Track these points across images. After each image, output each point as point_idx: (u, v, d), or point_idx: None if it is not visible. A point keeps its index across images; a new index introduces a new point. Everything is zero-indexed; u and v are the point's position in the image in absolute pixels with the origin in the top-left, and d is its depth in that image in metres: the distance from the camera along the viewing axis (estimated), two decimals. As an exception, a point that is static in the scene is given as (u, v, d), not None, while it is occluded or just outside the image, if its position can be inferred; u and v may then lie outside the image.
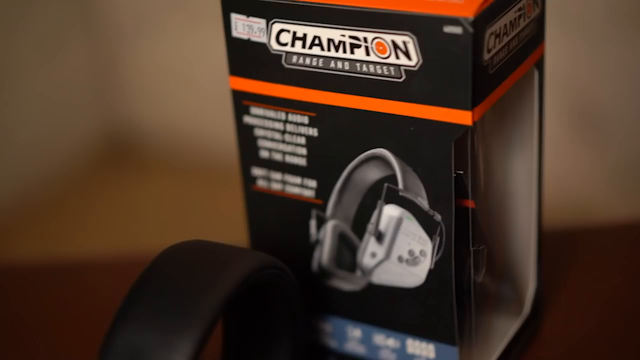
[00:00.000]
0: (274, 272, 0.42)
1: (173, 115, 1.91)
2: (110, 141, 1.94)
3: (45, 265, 0.62)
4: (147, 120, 1.94)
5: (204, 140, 1.87)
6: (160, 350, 0.37)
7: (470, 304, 0.46)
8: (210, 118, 1.85)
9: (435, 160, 0.42)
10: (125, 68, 1.92)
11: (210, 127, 1.86)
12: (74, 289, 0.60)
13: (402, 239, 0.45)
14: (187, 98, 1.88)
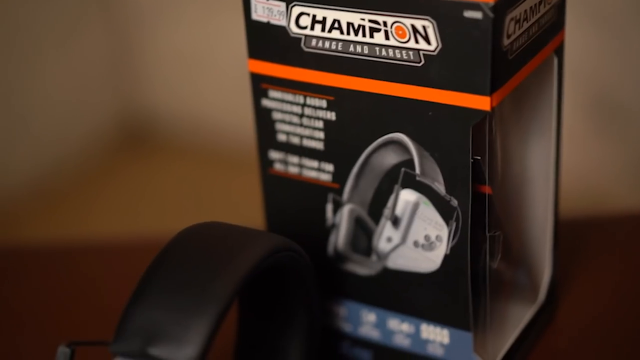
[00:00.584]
0: (290, 255, 0.42)
1: (189, 101, 1.91)
2: (127, 126, 1.95)
3: (60, 247, 0.62)
4: (164, 106, 1.94)
5: (220, 126, 1.88)
6: (175, 330, 0.37)
7: (486, 290, 0.46)
8: (227, 104, 1.85)
9: (453, 145, 0.42)
10: (143, 53, 1.93)
11: (226, 114, 1.86)
12: (90, 271, 0.60)
13: (418, 224, 0.45)
14: (204, 84, 1.88)
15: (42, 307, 0.57)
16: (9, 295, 0.58)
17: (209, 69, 1.86)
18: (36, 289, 0.58)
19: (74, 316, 0.56)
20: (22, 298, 0.57)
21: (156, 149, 1.91)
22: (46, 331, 0.54)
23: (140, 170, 1.84)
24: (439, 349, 0.47)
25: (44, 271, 0.60)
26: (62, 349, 0.39)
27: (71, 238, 0.62)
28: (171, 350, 0.37)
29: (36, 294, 0.58)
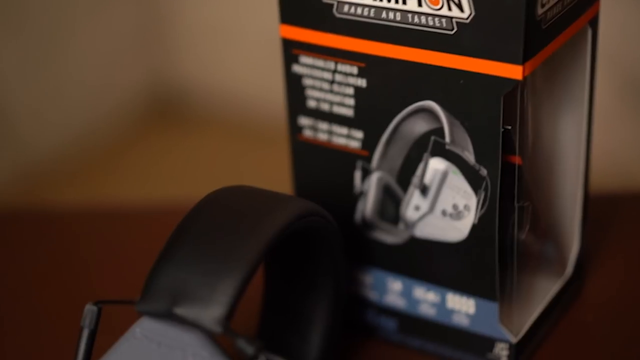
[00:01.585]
0: (318, 220, 0.42)
1: (219, 72, 1.91)
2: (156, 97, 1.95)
3: (88, 211, 0.63)
4: (193, 77, 1.94)
5: (249, 99, 1.88)
6: (202, 291, 0.37)
7: (513, 261, 0.46)
8: (257, 77, 1.85)
9: (484, 114, 0.42)
10: (174, 24, 1.93)
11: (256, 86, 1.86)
12: (117, 235, 0.60)
13: (446, 193, 0.45)
14: (234, 56, 1.88)
15: (70, 269, 0.57)
16: (39, 256, 0.58)
17: (239, 40, 1.86)
18: (65, 251, 0.59)
19: (102, 278, 0.56)
20: (51, 259, 0.58)
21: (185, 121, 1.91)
22: (74, 292, 0.55)
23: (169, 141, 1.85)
24: (464, 319, 0.47)
25: (72, 234, 0.60)
26: (89, 307, 0.40)
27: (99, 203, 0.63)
28: (197, 311, 0.37)
29: (65, 255, 0.58)
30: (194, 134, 1.86)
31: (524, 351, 0.47)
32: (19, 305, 0.54)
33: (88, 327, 0.40)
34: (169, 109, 1.94)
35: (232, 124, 1.88)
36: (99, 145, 1.82)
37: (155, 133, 1.87)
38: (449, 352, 0.48)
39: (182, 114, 1.94)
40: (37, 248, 0.59)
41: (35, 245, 0.59)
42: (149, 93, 1.94)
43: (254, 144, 1.80)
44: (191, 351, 0.37)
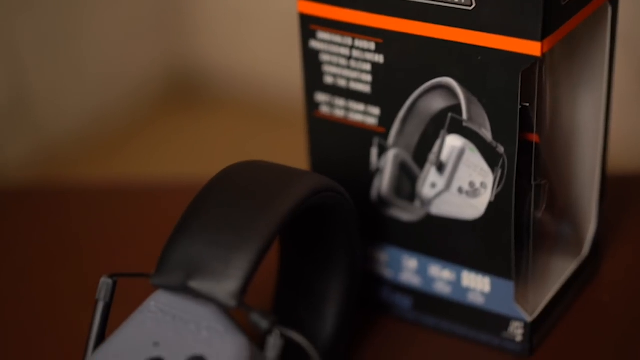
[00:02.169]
0: (334, 196, 0.42)
1: (236, 54, 1.91)
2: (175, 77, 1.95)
3: (104, 188, 0.63)
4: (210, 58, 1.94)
5: (266, 80, 1.87)
6: (216, 265, 0.37)
7: (529, 240, 0.45)
8: (274, 59, 1.85)
9: (502, 91, 0.42)
10: (192, 4, 1.93)
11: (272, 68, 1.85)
12: (133, 210, 0.60)
13: (463, 170, 0.45)
14: (252, 37, 1.88)
15: (86, 243, 0.57)
16: (55, 231, 0.58)
17: (257, 21, 1.86)
18: (82, 227, 0.59)
19: (118, 252, 0.56)
20: (67, 235, 0.58)
21: (202, 101, 1.91)
22: (90, 266, 0.55)
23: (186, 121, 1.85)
24: (480, 298, 0.47)
25: (89, 210, 0.61)
26: (104, 279, 0.40)
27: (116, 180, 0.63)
28: (211, 285, 0.37)
29: (81, 231, 0.58)
30: (211, 115, 1.87)
31: (539, 330, 0.47)
32: (35, 278, 0.54)
33: (103, 300, 0.40)
34: (186, 90, 1.95)
35: (248, 105, 1.88)
36: (116, 125, 1.82)
37: (172, 114, 1.87)
38: (463, 330, 0.48)
39: (199, 94, 1.94)
40: (53, 224, 0.59)
41: (51, 221, 0.60)
42: (166, 74, 1.94)
43: (270, 125, 1.80)
44: (205, 324, 0.37)
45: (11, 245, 0.57)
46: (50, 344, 0.50)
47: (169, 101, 1.91)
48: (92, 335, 0.39)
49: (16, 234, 0.58)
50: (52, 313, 0.52)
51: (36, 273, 0.55)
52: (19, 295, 0.53)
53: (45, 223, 0.59)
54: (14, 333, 0.50)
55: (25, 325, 0.51)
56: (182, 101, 1.91)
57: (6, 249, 0.57)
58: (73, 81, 1.75)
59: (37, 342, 0.50)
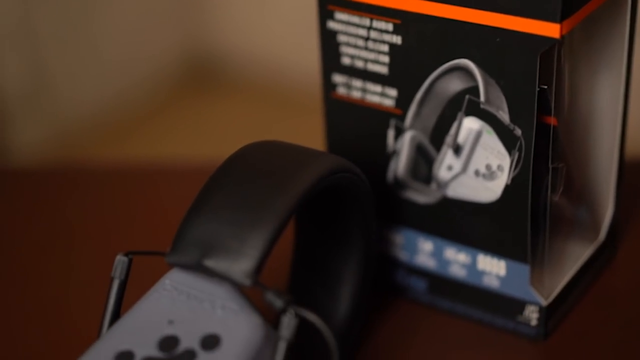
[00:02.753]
0: (350, 176, 0.41)
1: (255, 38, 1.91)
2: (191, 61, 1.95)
3: (122, 168, 0.63)
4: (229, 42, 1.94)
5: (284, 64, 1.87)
6: (231, 244, 0.37)
7: (545, 223, 0.45)
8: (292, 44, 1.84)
9: (520, 73, 0.42)
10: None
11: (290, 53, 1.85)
12: (151, 191, 0.60)
13: (480, 153, 0.44)
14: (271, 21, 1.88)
15: (105, 222, 0.57)
16: (76, 210, 0.59)
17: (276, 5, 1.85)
18: (98, 206, 0.59)
19: (134, 231, 0.56)
20: (87, 213, 0.58)
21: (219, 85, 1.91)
22: (106, 244, 0.55)
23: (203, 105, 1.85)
24: (495, 281, 0.47)
25: (105, 190, 0.61)
26: (120, 257, 0.40)
27: (132, 161, 0.63)
28: (227, 264, 0.37)
29: (97, 210, 0.59)
30: (228, 98, 1.87)
31: (554, 315, 0.47)
32: (53, 256, 0.55)
33: (118, 278, 0.40)
34: (203, 74, 1.95)
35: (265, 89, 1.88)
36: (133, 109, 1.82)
37: (189, 97, 1.87)
38: (478, 313, 0.48)
39: (216, 78, 1.94)
40: (71, 203, 0.60)
41: (69, 201, 0.60)
42: (183, 58, 1.94)
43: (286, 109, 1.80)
44: (220, 303, 0.37)
45: (29, 224, 0.58)
46: (66, 321, 0.50)
47: (186, 85, 1.91)
48: (107, 312, 0.39)
49: (34, 213, 0.59)
50: (68, 291, 0.52)
51: (53, 251, 0.55)
52: (36, 273, 0.53)
53: (62, 203, 0.60)
54: (31, 310, 0.51)
55: (43, 303, 0.51)
56: (200, 85, 1.91)
57: (24, 227, 0.57)
58: (91, 65, 1.75)
59: (54, 318, 0.50)
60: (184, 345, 0.36)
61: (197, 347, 0.36)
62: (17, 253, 0.55)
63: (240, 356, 0.36)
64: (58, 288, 0.52)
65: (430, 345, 0.47)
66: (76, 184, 0.61)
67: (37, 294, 0.52)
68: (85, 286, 0.52)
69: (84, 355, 0.37)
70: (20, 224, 0.58)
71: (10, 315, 0.50)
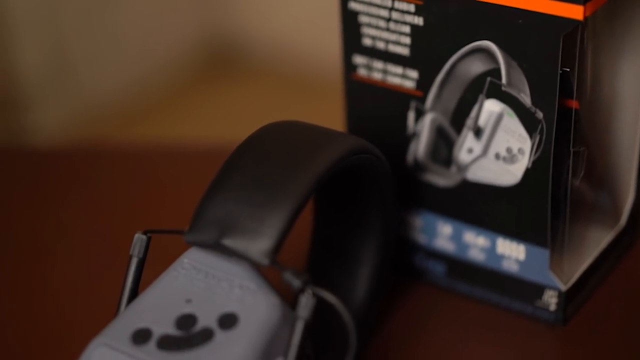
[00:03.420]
0: (370, 158, 0.41)
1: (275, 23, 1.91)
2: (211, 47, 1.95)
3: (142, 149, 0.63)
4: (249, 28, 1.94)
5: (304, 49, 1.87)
6: (250, 223, 0.37)
7: (566, 208, 0.45)
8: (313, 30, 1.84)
9: (542, 55, 0.41)
10: (232, -28, 1.92)
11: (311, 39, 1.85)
12: (169, 171, 0.60)
13: (501, 136, 0.44)
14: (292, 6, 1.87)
15: (123, 202, 0.57)
16: (94, 190, 0.59)
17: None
18: (118, 186, 0.59)
19: (153, 211, 0.56)
20: (106, 193, 0.58)
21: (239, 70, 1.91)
22: (125, 223, 0.55)
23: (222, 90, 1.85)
24: (514, 265, 0.46)
25: (124, 171, 0.61)
26: (138, 235, 0.40)
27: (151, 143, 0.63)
28: (245, 243, 0.37)
29: (118, 190, 0.59)
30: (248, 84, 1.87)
31: (574, 300, 0.47)
32: (72, 234, 0.55)
33: (137, 256, 0.40)
34: (223, 59, 1.95)
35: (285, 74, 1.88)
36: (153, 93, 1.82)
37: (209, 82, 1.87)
38: (497, 298, 0.48)
39: (236, 63, 1.94)
40: (90, 183, 0.60)
41: (88, 181, 0.60)
42: (204, 43, 1.94)
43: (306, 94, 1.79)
44: (238, 283, 0.37)
45: (49, 202, 0.58)
46: (84, 298, 0.50)
47: (205, 70, 1.91)
48: (125, 290, 0.39)
49: (55, 192, 0.59)
50: (88, 268, 0.52)
51: (73, 230, 0.55)
52: (55, 252, 0.53)
53: (82, 182, 0.60)
54: (50, 288, 0.51)
55: (62, 280, 0.51)
56: (219, 70, 1.91)
57: (44, 207, 0.58)
58: (111, 50, 1.75)
59: (73, 296, 0.50)
60: (202, 323, 0.36)
61: (214, 326, 0.36)
62: (38, 231, 0.55)
63: (258, 335, 0.36)
64: (77, 266, 0.52)
65: (448, 329, 0.47)
66: (95, 165, 0.61)
67: (56, 271, 0.52)
68: (104, 264, 0.52)
69: (102, 333, 0.37)
70: (40, 204, 0.58)
71: (30, 293, 0.50)
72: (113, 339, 0.36)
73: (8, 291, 0.51)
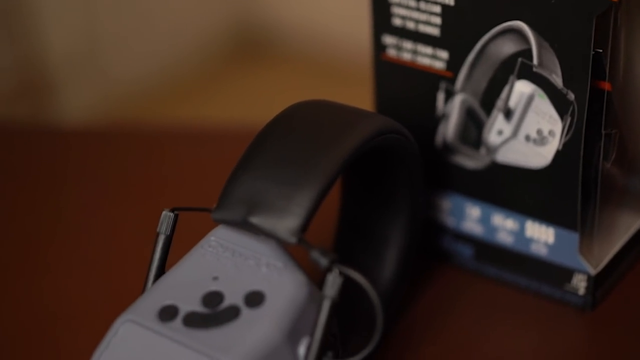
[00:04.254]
0: (399, 138, 0.41)
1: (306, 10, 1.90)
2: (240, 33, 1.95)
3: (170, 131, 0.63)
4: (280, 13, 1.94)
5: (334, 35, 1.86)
6: (277, 201, 0.37)
7: (596, 191, 0.44)
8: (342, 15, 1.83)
9: (574, 36, 0.41)
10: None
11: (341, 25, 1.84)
12: (197, 152, 0.60)
13: (531, 117, 0.44)
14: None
15: (151, 182, 0.57)
16: (123, 169, 0.59)
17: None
18: (146, 166, 0.59)
19: (181, 191, 0.56)
20: (134, 173, 0.59)
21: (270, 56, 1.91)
22: (153, 202, 0.55)
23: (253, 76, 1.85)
24: (543, 249, 0.46)
25: (151, 151, 0.61)
26: (165, 213, 0.40)
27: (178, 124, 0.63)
28: (272, 221, 0.37)
29: (146, 170, 0.59)
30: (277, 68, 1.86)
31: (603, 284, 0.46)
32: (100, 213, 0.55)
33: (164, 233, 0.40)
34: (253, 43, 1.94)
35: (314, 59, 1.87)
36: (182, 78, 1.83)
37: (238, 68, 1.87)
38: (525, 281, 0.47)
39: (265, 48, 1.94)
40: (118, 163, 0.60)
41: (117, 161, 0.60)
42: (234, 27, 1.94)
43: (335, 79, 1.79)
44: (265, 261, 0.37)
45: (78, 181, 0.58)
46: (113, 275, 0.50)
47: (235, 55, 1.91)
48: (152, 267, 0.39)
49: (84, 171, 0.59)
50: (115, 246, 0.52)
51: (101, 208, 0.55)
52: (84, 229, 0.54)
53: (111, 162, 0.60)
54: (79, 263, 0.51)
55: (90, 257, 0.51)
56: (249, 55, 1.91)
57: (73, 185, 0.58)
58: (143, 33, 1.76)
59: (101, 272, 0.50)
60: (228, 301, 0.36)
61: (241, 304, 0.36)
62: (68, 208, 0.55)
63: (284, 314, 0.35)
64: (105, 243, 0.52)
65: (475, 312, 0.47)
66: (125, 145, 0.62)
67: (85, 248, 0.52)
68: (131, 242, 0.52)
69: (129, 309, 0.37)
70: (70, 182, 0.58)
71: (59, 269, 0.51)
72: (139, 315, 0.36)
73: (38, 267, 0.51)
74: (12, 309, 0.48)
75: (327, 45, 1.88)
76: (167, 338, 0.35)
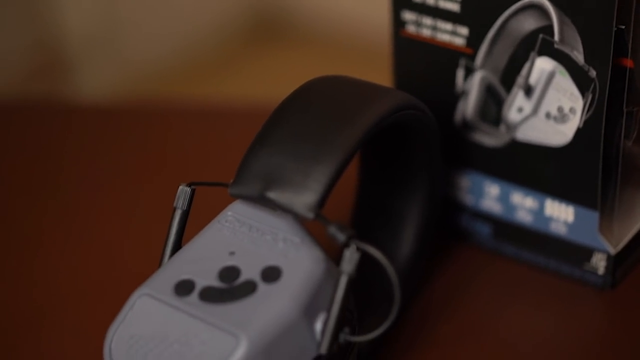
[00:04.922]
0: (418, 114, 0.41)
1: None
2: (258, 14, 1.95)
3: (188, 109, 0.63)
4: None
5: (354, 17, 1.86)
6: (295, 176, 0.37)
7: (617, 169, 0.44)
8: None
9: (597, 11, 0.40)
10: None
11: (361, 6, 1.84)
12: (214, 129, 0.60)
13: (552, 95, 0.43)
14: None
15: (169, 158, 0.57)
16: (141, 146, 0.59)
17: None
18: (164, 143, 0.59)
19: (199, 166, 0.56)
20: (152, 149, 0.58)
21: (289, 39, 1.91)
22: (171, 178, 0.55)
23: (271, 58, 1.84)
24: (562, 227, 0.46)
25: (169, 128, 0.61)
26: (182, 187, 0.40)
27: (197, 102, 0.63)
28: (289, 196, 0.37)
29: (164, 146, 0.59)
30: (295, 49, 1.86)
31: (623, 264, 0.46)
32: (118, 188, 0.55)
33: (181, 208, 0.39)
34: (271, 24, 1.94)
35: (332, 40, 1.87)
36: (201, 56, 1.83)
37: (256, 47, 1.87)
38: (544, 260, 0.47)
39: (283, 29, 1.93)
40: (137, 138, 0.60)
41: (135, 136, 0.60)
42: (252, 9, 1.94)
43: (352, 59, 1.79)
44: (282, 236, 0.37)
45: (97, 157, 0.58)
46: (129, 249, 0.50)
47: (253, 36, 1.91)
48: (169, 242, 0.39)
49: (103, 147, 0.59)
50: (133, 220, 0.52)
51: (119, 183, 0.55)
52: (102, 204, 0.54)
53: (130, 138, 0.60)
54: (97, 238, 0.51)
55: (108, 231, 0.51)
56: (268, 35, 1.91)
57: (92, 161, 0.58)
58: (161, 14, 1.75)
59: (118, 246, 0.50)
60: (245, 276, 0.36)
61: (257, 279, 0.36)
62: (86, 184, 0.55)
63: (301, 289, 0.35)
64: (123, 217, 0.52)
65: (493, 291, 0.46)
66: (143, 122, 0.61)
67: (102, 223, 0.52)
68: (148, 217, 0.52)
69: (146, 283, 0.37)
70: (89, 158, 0.58)
71: (78, 244, 0.51)
72: (156, 289, 0.36)
73: (57, 242, 0.51)
74: (28, 287, 0.49)
75: (345, 26, 1.87)
76: (183, 312, 0.35)
